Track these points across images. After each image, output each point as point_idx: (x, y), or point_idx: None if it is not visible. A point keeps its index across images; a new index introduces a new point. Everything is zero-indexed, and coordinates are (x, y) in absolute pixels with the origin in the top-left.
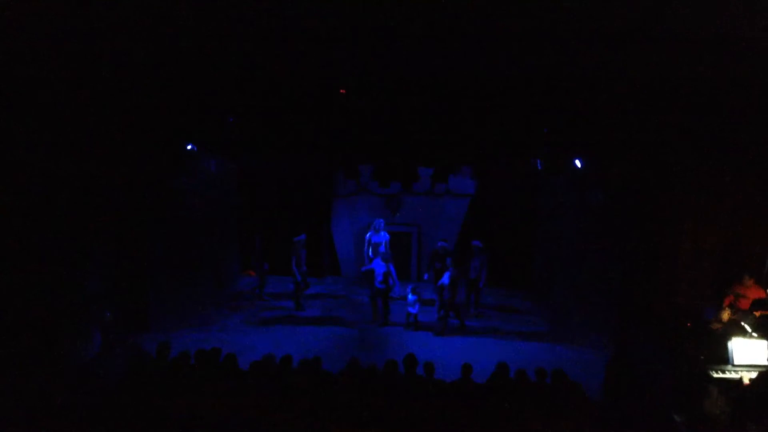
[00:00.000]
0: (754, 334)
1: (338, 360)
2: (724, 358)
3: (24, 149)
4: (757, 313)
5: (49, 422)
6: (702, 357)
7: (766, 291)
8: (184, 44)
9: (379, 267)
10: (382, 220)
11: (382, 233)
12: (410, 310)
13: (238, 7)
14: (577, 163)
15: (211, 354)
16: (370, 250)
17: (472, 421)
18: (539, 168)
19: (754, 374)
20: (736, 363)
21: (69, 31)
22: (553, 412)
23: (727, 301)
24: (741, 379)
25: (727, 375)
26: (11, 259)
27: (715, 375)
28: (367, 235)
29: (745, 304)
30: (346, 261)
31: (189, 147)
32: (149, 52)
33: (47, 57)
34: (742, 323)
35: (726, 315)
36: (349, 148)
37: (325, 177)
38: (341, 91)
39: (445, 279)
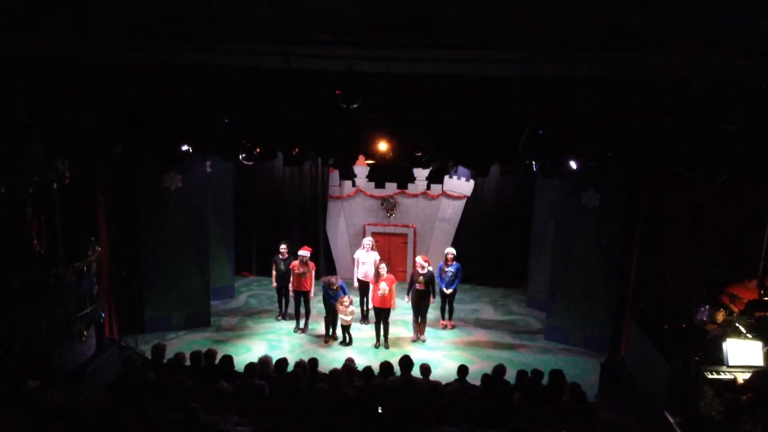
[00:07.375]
0: (749, 335)
1: (334, 361)
2: (718, 359)
3: (17, 150)
4: (758, 314)
5: (44, 424)
6: (697, 358)
7: (760, 292)
8: (180, 43)
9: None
10: (370, 238)
11: (372, 253)
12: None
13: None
14: (573, 164)
15: (206, 355)
16: (360, 270)
17: (468, 422)
18: (535, 169)
19: (748, 375)
20: (730, 364)
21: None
22: (551, 412)
23: (726, 301)
24: (735, 379)
25: (722, 376)
26: (5, 260)
27: (710, 376)
28: (356, 254)
29: (740, 305)
30: (341, 262)
31: (184, 147)
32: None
33: (44, 55)
34: (737, 324)
35: (721, 316)
36: (345, 148)
37: (320, 177)
38: (336, 92)
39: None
